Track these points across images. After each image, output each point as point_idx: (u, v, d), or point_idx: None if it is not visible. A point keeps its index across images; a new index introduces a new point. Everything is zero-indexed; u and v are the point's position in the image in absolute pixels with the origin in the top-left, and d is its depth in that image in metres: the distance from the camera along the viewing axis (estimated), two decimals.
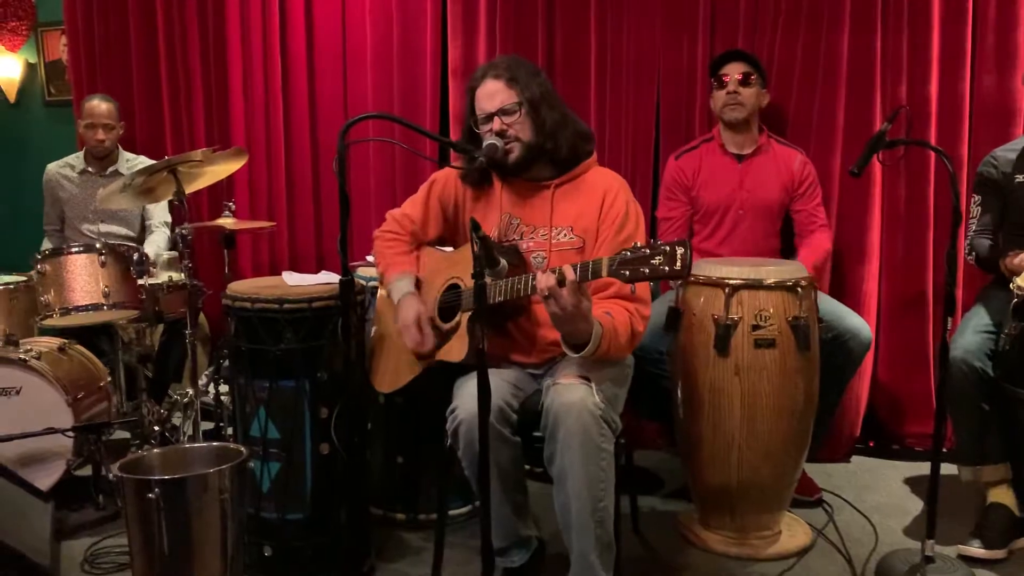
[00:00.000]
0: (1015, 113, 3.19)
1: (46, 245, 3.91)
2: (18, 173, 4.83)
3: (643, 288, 2.21)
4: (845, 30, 3.27)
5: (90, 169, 3.86)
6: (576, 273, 1.93)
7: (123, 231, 3.86)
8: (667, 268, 1.77)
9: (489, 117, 2.30)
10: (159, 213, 3.86)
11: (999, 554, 2.55)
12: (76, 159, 3.91)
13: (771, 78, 3.27)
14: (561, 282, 1.93)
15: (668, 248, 1.78)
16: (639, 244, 1.84)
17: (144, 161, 3.87)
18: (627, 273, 1.83)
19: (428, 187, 2.53)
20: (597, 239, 2.28)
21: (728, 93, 3.08)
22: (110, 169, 3.85)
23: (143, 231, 3.91)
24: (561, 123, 2.33)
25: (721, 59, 3.14)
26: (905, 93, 3.27)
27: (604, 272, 1.88)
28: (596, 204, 2.31)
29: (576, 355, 2.09)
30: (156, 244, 3.75)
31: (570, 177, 2.36)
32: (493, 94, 2.30)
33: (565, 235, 2.31)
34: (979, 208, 2.90)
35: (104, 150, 3.82)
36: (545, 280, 1.95)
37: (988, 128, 3.23)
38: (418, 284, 2.45)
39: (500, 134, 2.28)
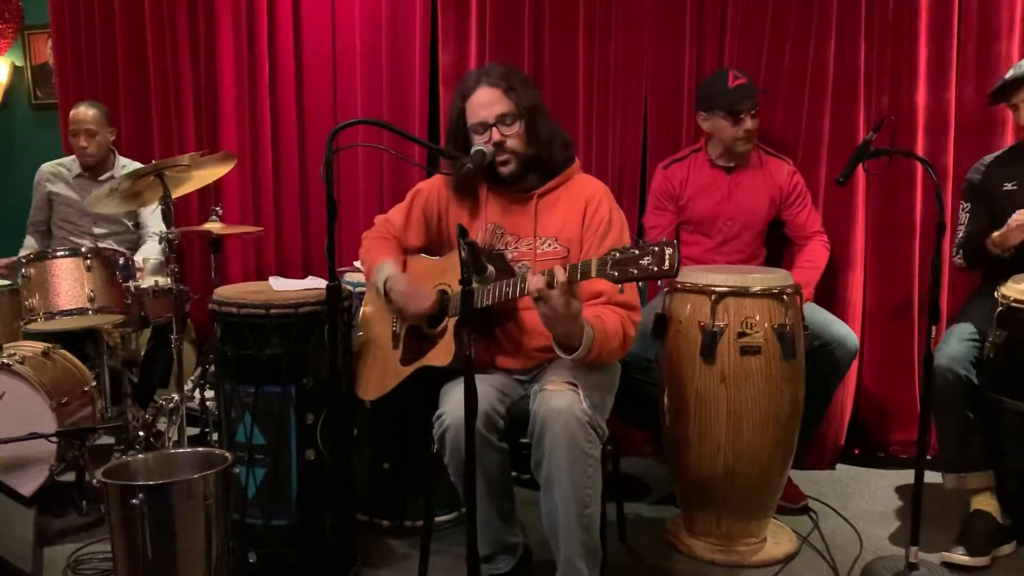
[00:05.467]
0: (999, 123, 3.22)
1: (29, 243, 3.86)
2: (4, 177, 4.81)
3: (633, 295, 2.22)
4: (831, 40, 3.29)
5: (85, 174, 3.82)
6: (565, 273, 1.93)
7: (117, 235, 3.82)
8: (655, 268, 1.78)
9: (486, 127, 2.30)
10: (155, 223, 3.76)
11: (982, 561, 2.57)
12: (72, 162, 3.86)
13: (757, 87, 3.27)
14: (551, 283, 1.93)
15: (656, 248, 1.78)
16: (627, 245, 1.84)
17: (139, 167, 3.82)
18: (616, 274, 1.83)
19: (412, 197, 2.54)
20: (582, 248, 2.29)
21: (745, 131, 3.04)
22: (105, 175, 3.79)
23: (136, 237, 3.87)
24: (553, 133, 2.34)
25: (736, 95, 3.01)
26: (890, 103, 3.30)
27: (593, 272, 1.88)
28: (579, 213, 2.31)
29: (568, 357, 2.09)
30: (147, 252, 3.70)
31: (553, 186, 2.36)
32: (491, 103, 2.29)
33: (550, 245, 2.32)
34: (967, 215, 2.93)
35: (89, 158, 3.76)
36: (535, 282, 1.95)
37: (972, 138, 3.26)
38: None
39: (498, 145, 2.28)
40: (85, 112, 3.75)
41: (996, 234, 2.70)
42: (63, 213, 3.84)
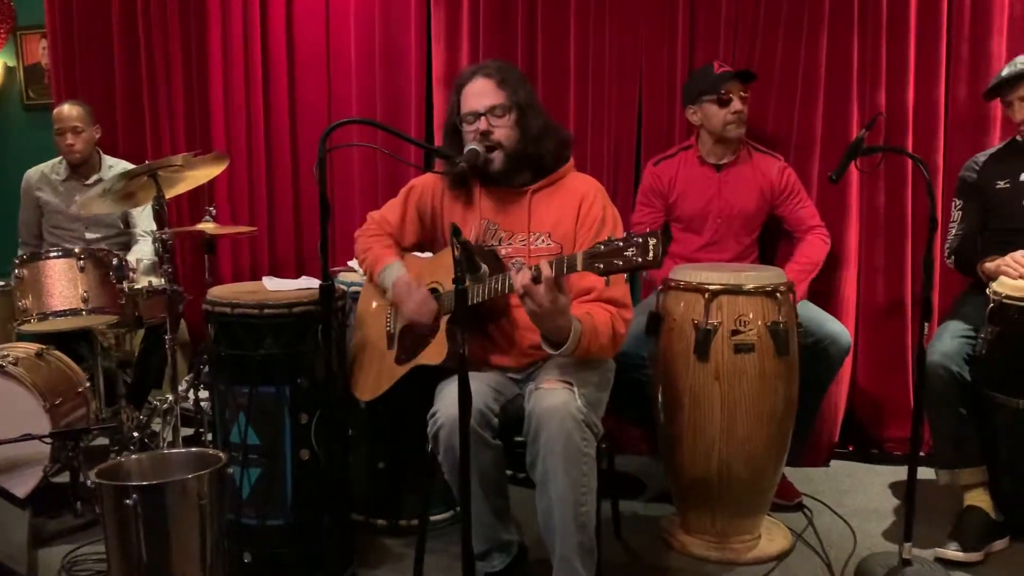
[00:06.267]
0: (990, 120, 3.23)
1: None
2: None
3: (623, 292, 2.23)
4: (823, 37, 3.30)
5: (72, 178, 3.79)
6: (552, 269, 1.94)
7: (110, 239, 3.80)
8: (640, 259, 1.79)
9: (476, 116, 2.30)
10: (144, 222, 3.77)
11: (975, 557, 2.58)
12: (59, 164, 3.83)
13: (750, 84, 3.28)
14: (536, 279, 1.94)
15: (640, 239, 1.79)
16: (612, 238, 1.85)
17: (126, 166, 3.78)
18: (601, 266, 1.84)
19: (406, 193, 2.53)
20: (575, 245, 2.29)
21: (734, 112, 3.04)
22: (93, 177, 3.77)
23: (127, 237, 3.86)
24: (544, 130, 2.34)
25: (722, 78, 3.04)
26: (883, 100, 3.30)
27: (579, 266, 1.89)
28: (573, 210, 2.32)
29: (555, 352, 2.09)
30: (140, 252, 3.70)
31: (547, 182, 2.36)
32: (483, 93, 2.30)
33: (543, 241, 2.32)
34: (960, 212, 2.94)
35: (77, 156, 3.73)
36: (521, 278, 1.96)
37: (964, 135, 3.27)
38: None
39: (484, 135, 2.29)
40: (70, 110, 3.72)
41: (990, 264, 2.70)
42: (54, 220, 3.80)
